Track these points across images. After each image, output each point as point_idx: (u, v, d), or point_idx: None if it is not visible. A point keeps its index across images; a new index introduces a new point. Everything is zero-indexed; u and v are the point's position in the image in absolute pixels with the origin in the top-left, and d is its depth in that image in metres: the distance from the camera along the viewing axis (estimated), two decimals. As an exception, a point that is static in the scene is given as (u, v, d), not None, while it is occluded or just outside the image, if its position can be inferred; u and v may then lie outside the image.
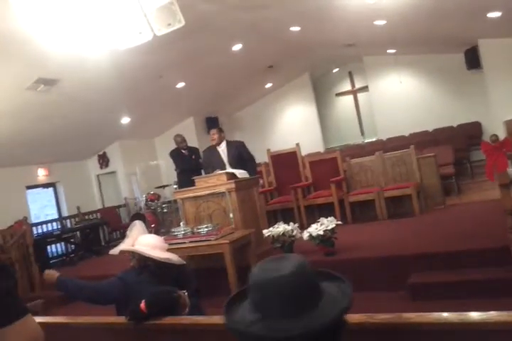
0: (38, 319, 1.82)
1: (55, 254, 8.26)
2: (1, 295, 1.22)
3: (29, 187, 9.35)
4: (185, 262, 2.70)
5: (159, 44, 6.20)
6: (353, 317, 1.46)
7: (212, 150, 6.00)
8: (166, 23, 4.59)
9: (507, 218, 3.28)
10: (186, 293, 2.11)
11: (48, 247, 7.97)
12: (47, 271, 2.51)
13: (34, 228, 8.16)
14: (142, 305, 1.92)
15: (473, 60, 9.76)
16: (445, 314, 1.38)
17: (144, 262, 2.51)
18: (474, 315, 1.34)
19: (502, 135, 7.87)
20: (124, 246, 2.61)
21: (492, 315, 1.31)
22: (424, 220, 5.68)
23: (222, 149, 5.91)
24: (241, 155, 5.85)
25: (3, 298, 1.23)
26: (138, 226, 2.72)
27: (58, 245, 8.38)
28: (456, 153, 8.39)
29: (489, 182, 7.11)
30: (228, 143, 5.98)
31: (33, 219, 8.85)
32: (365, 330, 1.44)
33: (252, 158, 6.01)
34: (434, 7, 6.73)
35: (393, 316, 1.43)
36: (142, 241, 2.57)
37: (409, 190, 6.06)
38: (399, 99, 11.30)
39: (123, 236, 2.90)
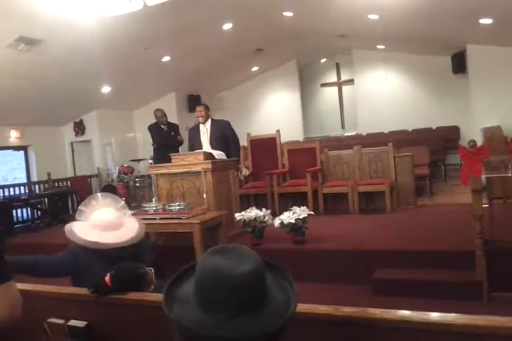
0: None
1: (20, 219, 8.10)
2: None
3: (-1, 149, 9.13)
4: (138, 240, 2.54)
5: (149, 15, 6.06)
6: (319, 309, 1.47)
7: (196, 129, 5.93)
8: (158, -7, 4.47)
9: (475, 223, 3.36)
10: (153, 271, 2.08)
11: (14, 211, 7.81)
12: None
13: (0, 190, 7.97)
14: (107, 278, 1.89)
15: (459, 64, 9.86)
16: (408, 312, 1.40)
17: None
18: (436, 316, 1.36)
19: (479, 141, 8.04)
20: (74, 223, 2.42)
21: (454, 317, 1.34)
22: (394, 218, 5.77)
23: (207, 128, 5.83)
24: (224, 136, 5.78)
25: None
26: (99, 199, 2.53)
27: (24, 210, 8.21)
28: (432, 154, 8.51)
29: (461, 187, 7.27)
30: (213, 122, 5.89)
31: (1, 182, 8.64)
32: (328, 322, 1.45)
33: (236, 141, 5.92)
34: (429, 8, 6.76)
35: (358, 310, 1.44)
36: (92, 217, 2.41)
37: (383, 186, 6.13)
38: (383, 96, 11.38)
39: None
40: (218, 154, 5.21)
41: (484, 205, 3.56)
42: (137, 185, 8.92)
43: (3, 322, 1.26)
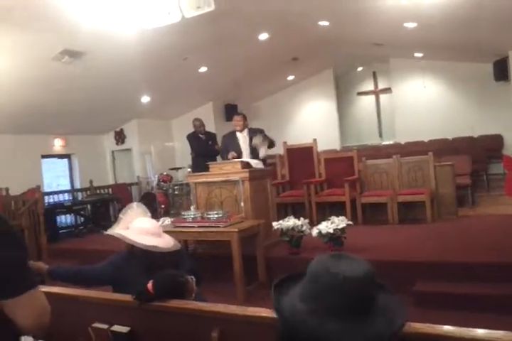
0: (45, 289, 1.85)
1: (64, 225, 8.35)
2: (14, 265, 1.24)
3: (44, 156, 9.44)
4: (179, 246, 2.59)
5: (186, 26, 6.17)
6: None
7: (233, 136, 5.98)
8: (195, 5, 4.57)
9: (521, 235, 3.25)
10: (194, 279, 2.11)
11: (58, 217, 8.06)
12: (35, 264, 2.38)
13: (46, 197, 8.24)
14: (149, 286, 1.93)
15: (501, 71, 9.59)
16: (453, 328, 1.37)
17: (132, 247, 2.44)
18: (483, 332, 1.33)
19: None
20: (114, 229, 2.51)
21: (502, 335, 1.30)
22: (435, 228, 5.64)
23: (244, 136, 5.89)
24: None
25: (17, 268, 1.24)
26: (135, 208, 2.61)
27: (68, 216, 8.46)
28: (474, 164, 8.29)
29: (505, 197, 7.06)
30: (250, 131, 5.95)
31: (46, 188, 8.94)
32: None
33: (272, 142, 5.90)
34: (468, 15, 6.61)
35: (402, 324, 1.42)
36: (134, 225, 2.48)
37: (423, 196, 6.01)
38: (421, 104, 11.17)
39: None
40: (256, 163, 5.24)
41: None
42: (176, 192, 9.06)
43: (29, 330, 1.27)
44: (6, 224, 1.31)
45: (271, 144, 5.74)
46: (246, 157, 5.59)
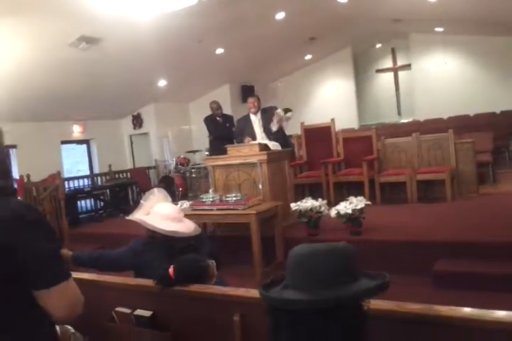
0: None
1: (84, 210, 8.48)
2: (49, 256, 1.25)
3: (64, 142, 9.56)
4: (200, 231, 2.61)
5: (202, 8, 6.10)
6: (382, 305, 1.45)
7: (247, 119, 5.97)
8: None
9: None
10: (215, 263, 2.13)
11: (78, 202, 8.19)
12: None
13: (66, 182, 8.37)
14: (171, 270, 1.95)
15: (526, 44, 9.30)
16: (476, 310, 1.36)
17: (152, 232, 2.46)
18: (506, 315, 1.32)
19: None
20: (136, 214, 2.54)
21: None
22: (455, 207, 5.57)
23: (258, 118, 5.88)
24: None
25: (51, 259, 1.25)
26: (156, 193, 2.64)
27: (88, 201, 8.59)
28: (495, 140, 8.12)
29: (528, 174, 6.93)
30: (263, 112, 5.94)
31: (65, 174, 9.06)
32: (393, 319, 1.43)
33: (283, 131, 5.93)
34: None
35: (423, 307, 1.42)
36: (155, 211, 2.50)
37: (443, 174, 5.92)
38: (441, 80, 10.93)
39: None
40: (273, 145, 5.22)
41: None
42: (193, 175, 9.11)
43: (63, 320, 1.29)
44: (38, 213, 1.32)
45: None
46: (260, 139, 5.57)
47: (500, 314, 1.32)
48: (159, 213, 2.49)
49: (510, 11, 7.68)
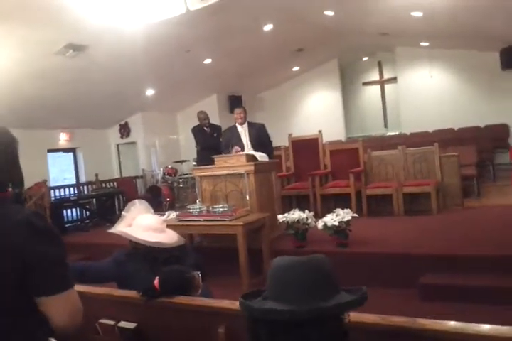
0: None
1: (70, 219, 8.39)
2: (55, 263, 1.24)
3: (50, 151, 9.48)
4: (184, 241, 2.58)
5: (190, 18, 6.13)
6: (366, 318, 1.46)
7: (233, 129, 5.99)
8: (200, -3, 4.53)
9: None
10: (200, 275, 2.12)
11: (64, 211, 8.11)
12: None
13: (52, 191, 8.28)
14: (156, 282, 1.94)
15: (508, 59, 9.47)
16: (460, 323, 1.37)
17: (135, 244, 2.44)
18: (490, 328, 1.32)
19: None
20: (118, 227, 2.51)
21: (508, 330, 1.30)
22: (440, 220, 5.62)
23: (244, 129, 5.90)
24: (260, 138, 5.84)
25: (56, 266, 1.25)
26: (137, 205, 2.62)
27: (74, 210, 8.50)
28: (479, 154, 8.23)
29: (511, 187, 7.02)
30: (250, 125, 5.98)
31: (52, 182, 8.98)
32: (377, 331, 1.44)
33: (271, 143, 6.03)
34: (474, 2, 6.52)
35: (407, 320, 1.42)
36: (137, 222, 2.49)
37: (428, 187, 5.99)
38: (427, 94, 11.07)
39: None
40: (261, 156, 5.23)
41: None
42: (181, 185, 9.09)
43: (63, 329, 1.27)
44: (45, 220, 1.33)
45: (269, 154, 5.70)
46: (248, 150, 5.59)
47: (484, 328, 1.33)
48: (141, 224, 2.47)
49: (495, 27, 7.86)
